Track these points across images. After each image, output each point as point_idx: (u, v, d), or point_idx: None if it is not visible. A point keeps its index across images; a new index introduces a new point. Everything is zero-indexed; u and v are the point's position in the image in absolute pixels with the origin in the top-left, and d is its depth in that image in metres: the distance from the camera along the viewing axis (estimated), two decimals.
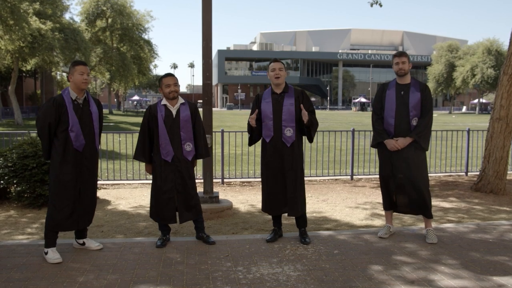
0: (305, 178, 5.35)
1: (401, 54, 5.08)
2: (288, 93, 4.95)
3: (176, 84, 4.81)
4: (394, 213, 5.46)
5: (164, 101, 4.83)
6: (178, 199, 4.82)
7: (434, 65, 71.57)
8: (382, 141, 5.07)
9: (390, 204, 5.20)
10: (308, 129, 4.92)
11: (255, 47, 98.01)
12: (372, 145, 5.28)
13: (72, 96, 4.41)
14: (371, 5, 11.61)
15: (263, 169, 5.04)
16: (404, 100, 4.99)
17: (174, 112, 4.79)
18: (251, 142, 5.14)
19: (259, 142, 5.13)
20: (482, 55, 64.09)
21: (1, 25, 23.09)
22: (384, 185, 5.20)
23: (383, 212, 6.58)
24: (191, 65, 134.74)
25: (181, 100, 4.87)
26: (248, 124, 5.02)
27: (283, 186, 4.88)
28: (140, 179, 9.42)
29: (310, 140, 5.05)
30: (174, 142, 4.75)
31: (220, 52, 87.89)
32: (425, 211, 5.03)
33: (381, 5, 11.54)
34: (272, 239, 4.99)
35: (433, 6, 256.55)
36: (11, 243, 4.93)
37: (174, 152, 4.75)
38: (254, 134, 5.05)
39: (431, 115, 5.00)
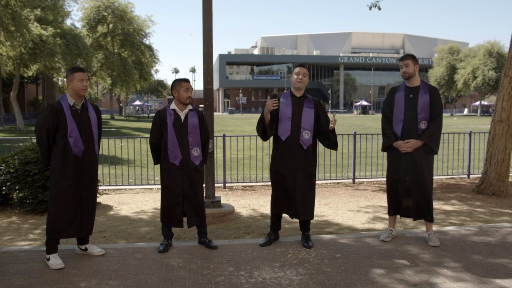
0: None
1: (404, 57, 5.06)
2: (307, 98, 4.99)
3: (192, 90, 4.89)
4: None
5: (173, 106, 4.88)
6: (186, 203, 4.83)
7: (435, 67, 71.65)
8: (392, 144, 5.05)
9: (395, 209, 5.17)
10: (330, 135, 4.92)
11: (256, 51, 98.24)
12: (382, 149, 5.25)
13: (70, 102, 4.43)
14: (370, 8, 11.67)
15: (273, 169, 5.00)
16: (413, 103, 4.97)
17: (182, 117, 4.84)
18: (265, 136, 4.98)
19: (264, 144, 5.12)
20: (483, 57, 64.15)
21: (3, 31, 23.16)
22: (391, 190, 5.16)
23: (385, 216, 6.60)
24: (193, 70, 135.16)
25: (189, 107, 4.92)
26: (260, 118, 4.94)
27: (294, 188, 4.86)
28: (141, 184, 9.43)
29: (335, 147, 5.02)
30: (182, 146, 4.79)
31: (221, 56, 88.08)
32: (427, 215, 5.03)
33: (379, 8, 11.59)
34: (267, 243, 4.99)
35: (433, 9, 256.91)
36: (13, 249, 4.93)
37: (182, 156, 4.78)
38: (267, 127, 4.91)
39: (441, 118, 4.96)
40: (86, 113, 4.52)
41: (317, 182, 9.59)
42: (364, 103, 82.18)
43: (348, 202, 7.72)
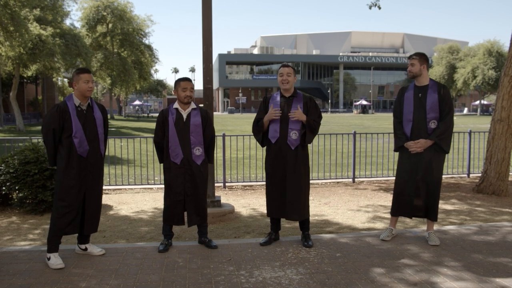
0: None
1: (410, 56, 5.06)
2: (296, 98, 4.96)
3: (192, 89, 4.87)
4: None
5: (176, 105, 4.89)
6: (187, 202, 4.84)
7: (435, 67, 71.60)
8: (403, 144, 5.03)
9: (398, 210, 5.14)
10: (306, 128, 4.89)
11: (255, 51, 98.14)
12: (395, 150, 5.23)
13: (76, 103, 4.47)
14: (370, 7, 11.68)
15: (266, 171, 5.04)
16: (422, 102, 4.94)
17: (184, 116, 4.85)
18: (263, 142, 5.08)
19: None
20: (483, 57, 64.15)
21: (2, 31, 23.14)
22: (399, 191, 5.11)
23: (385, 215, 6.60)
24: (192, 70, 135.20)
25: (193, 106, 4.93)
26: (259, 125, 5.00)
27: (284, 189, 4.88)
28: (141, 184, 9.43)
29: (306, 142, 4.94)
30: (183, 145, 4.79)
31: (220, 56, 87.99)
32: (431, 213, 5.02)
33: (379, 8, 11.60)
34: (267, 243, 4.99)
35: (433, 8, 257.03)
36: (13, 249, 4.94)
37: (183, 155, 4.79)
38: (262, 134, 5.02)
39: (452, 116, 4.90)
40: (92, 113, 4.55)
41: (317, 181, 9.62)
42: (364, 102, 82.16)
43: (348, 202, 7.71)
